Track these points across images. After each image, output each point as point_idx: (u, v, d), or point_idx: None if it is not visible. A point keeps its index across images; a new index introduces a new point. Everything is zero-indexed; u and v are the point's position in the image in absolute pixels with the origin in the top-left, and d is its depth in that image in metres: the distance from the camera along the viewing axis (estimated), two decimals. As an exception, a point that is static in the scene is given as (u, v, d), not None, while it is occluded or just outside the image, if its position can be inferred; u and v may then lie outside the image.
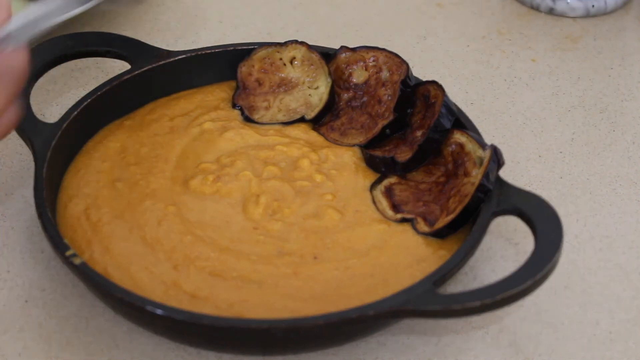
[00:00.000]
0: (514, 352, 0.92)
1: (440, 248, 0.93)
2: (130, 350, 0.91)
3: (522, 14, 1.30)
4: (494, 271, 0.98)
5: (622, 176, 1.09)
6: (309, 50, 1.07)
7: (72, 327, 0.93)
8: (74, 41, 1.07)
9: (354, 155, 1.02)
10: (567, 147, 1.12)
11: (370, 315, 0.85)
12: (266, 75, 1.07)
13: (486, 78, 1.21)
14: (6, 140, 1.10)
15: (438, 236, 0.94)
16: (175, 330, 0.88)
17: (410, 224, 0.95)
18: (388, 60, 1.05)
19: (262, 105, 1.06)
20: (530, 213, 0.91)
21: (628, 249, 1.01)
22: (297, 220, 0.95)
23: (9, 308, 0.94)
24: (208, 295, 0.89)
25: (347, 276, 0.91)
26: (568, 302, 0.96)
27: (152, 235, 0.93)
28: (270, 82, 1.07)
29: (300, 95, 1.06)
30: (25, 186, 1.05)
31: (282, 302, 0.88)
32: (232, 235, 0.94)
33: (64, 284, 0.96)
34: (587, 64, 1.23)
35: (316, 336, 0.87)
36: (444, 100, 0.99)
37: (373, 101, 1.04)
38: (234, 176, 0.98)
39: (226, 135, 1.02)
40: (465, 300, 0.85)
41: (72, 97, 1.12)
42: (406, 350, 0.92)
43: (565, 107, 1.17)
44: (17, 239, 1.00)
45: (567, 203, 1.05)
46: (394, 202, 0.97)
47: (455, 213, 0.92)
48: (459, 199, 0.94)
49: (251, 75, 1.07)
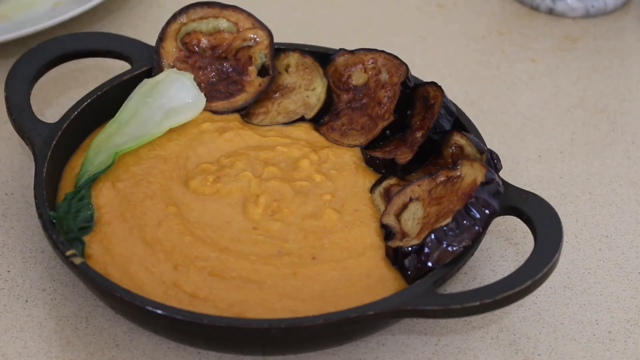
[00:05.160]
0: (514, 352, 0.92)
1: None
2: (130, 350, 0.91)
3: (522, 14, 1.30)
4: (494, 271, 0.98)
5: (622, 176, 1.09)
6: (302, 56, 1.07)
7: (72, 327, 0.93)
8: (74, 41, 1.08)
9: (354, 155, 1.02)
10: (567, 147, 1.12)
11: (370, 315, 0.85)
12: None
13: (486, 78, 1.21)
14: (6, 140, 1.10)
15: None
16: (175, 330, 0.88)
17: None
18: (387, 62, 1.05)
19: (260, 111, 1.06)
20: (530, 213, 0.91)
21: (627, 248, 1.01)
22: (296, 220, 0.95)
23: (9, 308, 0.94)
24: (208, 295, 0.89)
25: (345, 276, 0.91)
26: (568, 302, 0.96)
27: (152, 235, 0.93)
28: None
29: (298, 98, 1.06)
30: (25, 186, 1.05)
31: (282, 302, 0.88)
32: (232, 236, 0.94)
33: (64, 284, 0.96)
34: (587, 64, 1.23)
35: (316, 336, 0.87)
36: (443, 101, 0.99)
37: (373, 103, 1.04)
38: (233, 177, 0.98)
39: (225, 135, 1.02)
40: (465, 300, 0.85)
41: (72, 97, 1.12)
42: (406, 350, 0.92)
43: (565, 107, 1.17)
44: (17, 239, 1.00)
45: (567, 203, 1.05)
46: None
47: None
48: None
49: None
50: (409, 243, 0.91)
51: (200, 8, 1.07)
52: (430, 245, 0.89)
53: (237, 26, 1.07)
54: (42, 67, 1.05)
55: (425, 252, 0.89)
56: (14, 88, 1.02)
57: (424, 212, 0.94)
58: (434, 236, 0.89)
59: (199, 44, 1.07)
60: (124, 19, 1.27)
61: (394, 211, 0.95)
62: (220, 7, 1.07)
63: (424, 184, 0.95)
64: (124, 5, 1.29)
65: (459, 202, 0.91)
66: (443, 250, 0.89)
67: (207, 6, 1.07)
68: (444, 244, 0.89)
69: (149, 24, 1.26)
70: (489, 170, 0.91)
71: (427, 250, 0.89)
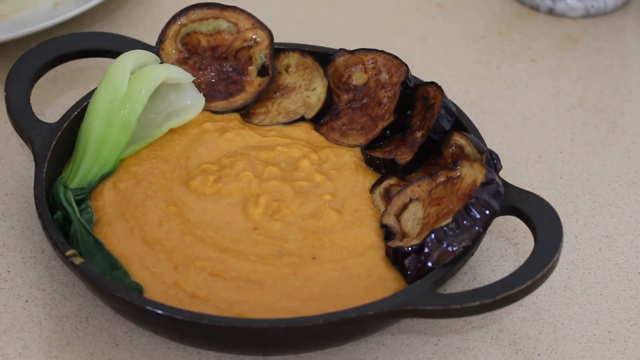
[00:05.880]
0: (514, 352, 0.92)
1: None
2: (130, 350, 0.91)
3: (522, 14, 1.30)
4: (494, 271, 0.98)
5: (622, 176, 1.09)
6: (302, 56, 1.07)
7: (72, 327, 0.93)
8: (74, 41, 1.08)
9: (354, 155, 1.02)
10: (567, 147, 1.12)
11: (370, 315, 0.85)
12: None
13: (486, 78, 1.21)
14: (6, 140, 1.10)
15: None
16: (175, 330, 0.88)
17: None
18: (387, 62, 1.05)
19: (260, 110, 1.06)
20: (530, 213, 0.91)
21: (627, 248, 1.01)
22: (296, 220, 0.95)
23: (9, 308, 0.94)
24: (208, 295, 0.89)
25: (345, 276, 0.91)
26: (568, 302, 0.96)
27: (153, 235, 0.93)
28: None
29: (298, 98, 1.06)
30: (25, 186, 1.05)
31: (282, 302, 0.88)
32: (233, 236, 0.94)
33: (64, 283, 0.96)
34: (587, 64, 1.23)
35: (316, 336, 0.87)
36: (442, 101, 0.99)
37: (373, 103, 1.04)
38: (234, 177, 0.98)
39: (226, 135, 1.02)
40: (465, 300, 0.85)
41: (72, 97, 1.12)
42: (406, 350, 0.92)
43: (565, 107, 1.17)
44: (17, 239, 1.00)
45: (567, 203, 1.05)
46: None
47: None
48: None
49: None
50: (409, 243, 0.91)
51: (200, 9, 1.07)
52: (430, 245, 0.89)
53: (237, 26, 1.07)
54: (42, 67, 1.05)
55: (425, 252, 0.89)
56: (14, 88, 1.02)
57: (424, 213, 0.94)
58: (434, 236, 0.89)
59: (199, 44, 1.07)
60: (124, 19, 1.27)
61: (394, 211, 0.95)
62: (221, 8, 1.07)
63: (424, 185, 0.95)
64: (124, 5, 1.29)
65: (459, 202, 0.91)
66: (443, 250, 0.89)
67: (207, 7, 1.07)
68: (444, 244, 0.89)
69: (149, 24, 1.26)
70: (489, 170, 0.91)
71: (427, 250, 0.89)
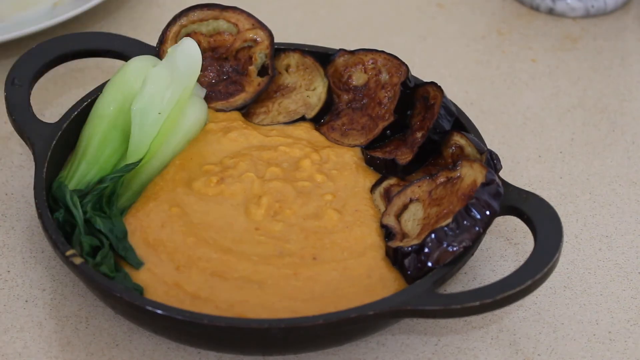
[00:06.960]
0: (514, 352, 0.92)
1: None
2: (130, 350, 0.91)
3: (522, 14, 1.30)
4: (494, 271, 0.98)
5: (621, 176, 1.09)
6: (302, 56, 1.07)
7: (72, 327, 0.93)
8: (74, 41, 1.08)
9: (354, 155, 1.02)
10: (567, 147, 1.12)
11: (370, 315, 0.85)
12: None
13: (486, 78, 1.21)
14: (6, 140, 1.10)
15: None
16: (175, 331, 0.88)
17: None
18: (387, 62, 1.05)
19: (261, 110, 1.06)
20: (530, 213, 0.91)
21: (627, 248, 1.01)
22: (297, 220, 0.95)
23: (9, 308, 0.94)
24: (209, 296, 0.89)
25: (346, 276, 0.91)
26: (568, 302, 0.96)
27: (155, 237, 0.93)
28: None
29: (299, 98, 1.06)
30: (25, 186, 1.05)
31: (283, 303, 0.88)
32: (234, 236, 0.94)
33: (64, 284, 0.96)
34: (587, 64, 1.23)
35: (316, 336, 0.88)
36: (442, 101, 0.99)
37: (373, 103, 1.04)
38: (237, 177, 0.98)
39: (230, 135, 1.02)
40: (465, 300, 0.85)
41: (72, 97, 1.12)
42: (406, 350, 0.92)
43: (565, 107, 1.17)
44: (17, 239, 1.00)
45: (567, 203, 1.05)
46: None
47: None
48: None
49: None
50: (409, 243, 0.91)
51: (200, 10, 1.07)
52: (430, 245, 0.89)
53: (238, 27, 1.07)
54: (42, 67, 1.05)
55: (425, 252, 0.89)
56: (14, 88, 1.02)
57: (424, 213, 0.94)
58: (434, 236, 0.89)
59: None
60: (123, 19, 1.27)
61: (394, 212, 0.95)
62: (221, 9, 1.07)
63: (424, 185, 0.95)
64: (124, 5, 1.29)
65: (459, 202, 0.91)
66: (443, 251, 0.89)
67: (207, 8, 1.07)
68: (444, 244, 0.89)
69: (148, 24, 1.26)
70: (489, 171, 0.91)
71: (427, 250, 0.89)
